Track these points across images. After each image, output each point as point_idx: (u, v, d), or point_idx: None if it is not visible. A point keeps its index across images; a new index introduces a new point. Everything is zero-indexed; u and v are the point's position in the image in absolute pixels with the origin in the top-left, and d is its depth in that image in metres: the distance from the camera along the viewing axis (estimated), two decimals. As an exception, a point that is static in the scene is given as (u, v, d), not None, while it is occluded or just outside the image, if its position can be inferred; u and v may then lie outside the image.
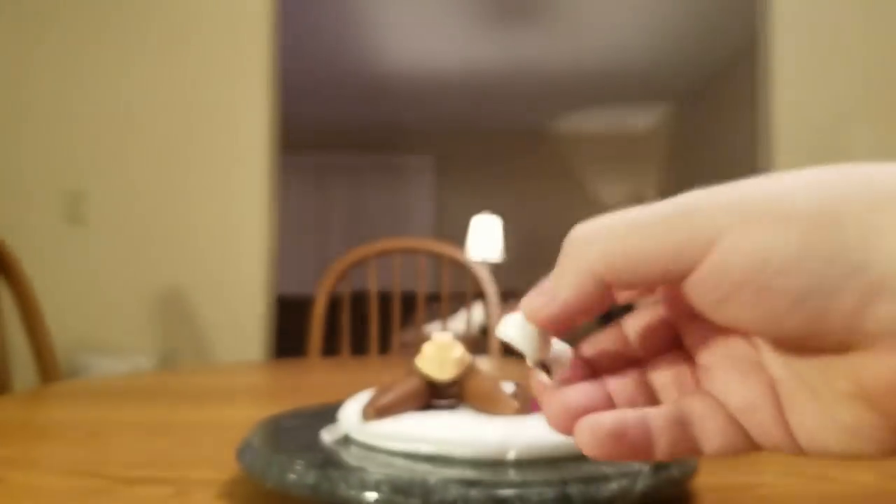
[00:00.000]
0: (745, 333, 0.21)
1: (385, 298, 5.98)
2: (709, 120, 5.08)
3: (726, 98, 4.75)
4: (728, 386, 0.21)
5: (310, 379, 0.93)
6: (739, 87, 4.53)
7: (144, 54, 2.23)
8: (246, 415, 0.65)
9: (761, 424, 0.20)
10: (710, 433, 0.21)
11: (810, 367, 0.19)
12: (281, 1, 2.47)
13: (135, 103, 2.22)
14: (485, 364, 1.14)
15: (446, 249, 1.55)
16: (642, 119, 6.17)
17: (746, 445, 0.21)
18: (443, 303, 1.50)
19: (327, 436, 0.41)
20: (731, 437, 0.21)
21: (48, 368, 1.02)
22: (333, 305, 6.02)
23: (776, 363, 0.20)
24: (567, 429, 0.21)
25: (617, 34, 4.22)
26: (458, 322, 4.48)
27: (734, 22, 4.04)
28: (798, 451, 0.20)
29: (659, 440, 0.21)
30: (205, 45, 2.23)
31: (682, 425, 0.21)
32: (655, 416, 0.21)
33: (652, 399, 0.23)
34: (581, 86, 5.24)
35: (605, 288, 0.20)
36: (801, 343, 0.18)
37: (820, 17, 2.18)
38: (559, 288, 0.20)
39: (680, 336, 0.23)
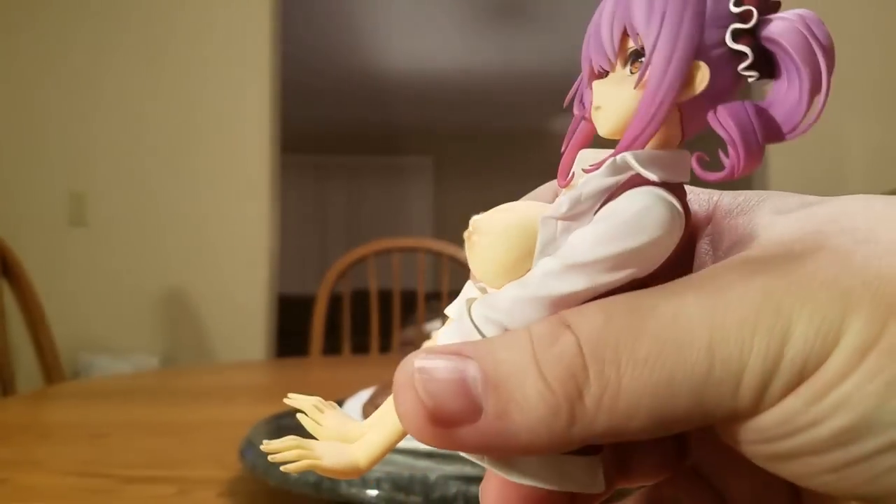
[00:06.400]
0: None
1: (385, 297, 5.98)
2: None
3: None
4: (730, 473, 0.15)
5: (311, 377, 0.94)
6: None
7: (147, 57, 2.23)
8: (248, 413, 0.66)
9: None
10: None
11: None
12: (281, 4, 2.46)
13: (137, 105, 2.22)
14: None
15: (446, 248, 1.55)
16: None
17: None
18: (443, 301, 1.51)
19: (328, 434, 0.41)
20: None
21: (51, 369, 1.02)
22: (334, 304, 6.03)
23: None
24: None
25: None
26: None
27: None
28: None
29: None
30: (207, 46, 2.23)
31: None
32: None
33: None
34: (577, 87, 5.29)
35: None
36: None
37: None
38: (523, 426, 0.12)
39: None
